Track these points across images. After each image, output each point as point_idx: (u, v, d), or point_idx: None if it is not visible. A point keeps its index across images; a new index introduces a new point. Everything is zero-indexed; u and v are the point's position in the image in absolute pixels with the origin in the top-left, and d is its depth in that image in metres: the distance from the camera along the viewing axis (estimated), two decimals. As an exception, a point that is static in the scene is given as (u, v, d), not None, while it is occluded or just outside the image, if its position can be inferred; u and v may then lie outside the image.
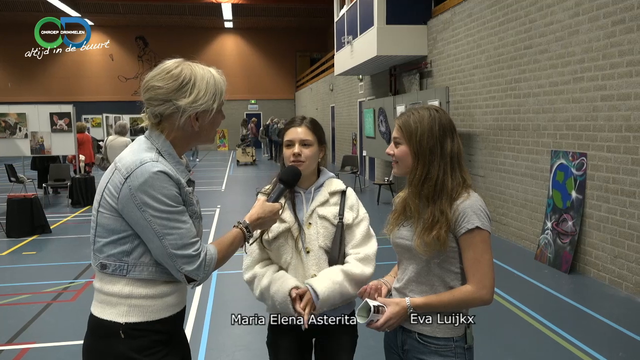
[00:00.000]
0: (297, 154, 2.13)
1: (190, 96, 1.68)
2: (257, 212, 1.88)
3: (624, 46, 5.07)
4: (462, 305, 1.82)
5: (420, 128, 1.83)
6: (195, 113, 1.70)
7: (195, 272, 1.66)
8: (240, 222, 1.85)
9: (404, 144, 1.87)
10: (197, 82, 1.69)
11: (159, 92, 1.68)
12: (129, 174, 1.62)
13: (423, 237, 1.78)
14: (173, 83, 1.67)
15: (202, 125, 1.74)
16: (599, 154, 5.47)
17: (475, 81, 8.07)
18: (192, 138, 1.77)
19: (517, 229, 7.14)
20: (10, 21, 26.87)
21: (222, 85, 1.76)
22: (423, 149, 1.83)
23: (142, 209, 1.60)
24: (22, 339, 4.29)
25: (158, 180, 1.61)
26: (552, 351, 3.98)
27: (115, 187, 1.64)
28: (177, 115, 1.69)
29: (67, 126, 11.01)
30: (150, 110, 1.71)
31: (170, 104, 1.68)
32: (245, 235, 1.83)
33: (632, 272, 5.06)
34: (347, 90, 16.73)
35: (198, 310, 4.83)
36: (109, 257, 1.67)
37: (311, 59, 29.23)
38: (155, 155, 1.67)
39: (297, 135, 2.16)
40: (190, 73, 1.69)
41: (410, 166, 1.86)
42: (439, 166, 1.82)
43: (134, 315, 1.66)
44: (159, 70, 1.71)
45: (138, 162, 1.63)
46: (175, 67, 1.70)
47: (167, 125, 1.73)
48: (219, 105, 1.75)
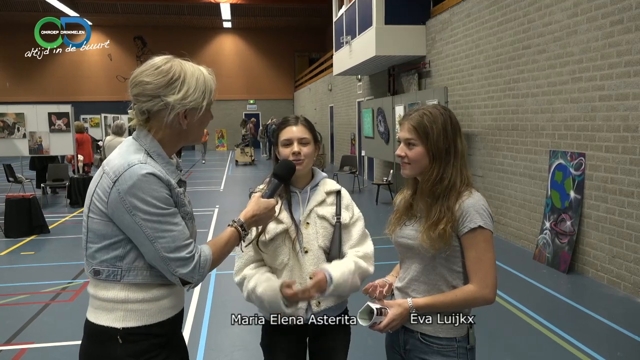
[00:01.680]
0: (297, 153, 2.11)
1: (179, 93, 1.63)
2: (252, 209, 1.83)
3: (622, 46, 5.08)
4: (465, 305, 1.82)
5: (436, 128, 1.81)
6: (184, 110, 1.65)
7: (190, 275, 1.62)
8: (235, 220, 1.81)
9: (419, 145, 1.83)
10: (186, 79, 1.64)
11: (147, 87, 1.63)
12: (117, 177, 1.58)
13: (429, 232, 1.78)
14: (162, 79, 1.62)
15: (191, 124, 1.70)
16: (597, 154, 5.47)
17: (474, 81, 8.08)
18: (180, 137, 1.72)
19: (516, 229, 7.14)
20: (9, 21, 26.83)
21: (211, 84, 1.71)
22: (440, 149, 1.81)
23: (132, 213, 1.56)
24: (20, 339, 4.28)
25: (147, 182, 1.57)
26: (550, 351, 3.98)
27: (104, 192, 1.61)
28: (165, 112, 1.64)
29: (66, 126, 11.00)
30: (138, 107, 1.66)
31: (159, 100, 1.62)
32: (240, 233, 1.78)
33: (631, 272, 5.06)
34: (346, 90, 16.73)
35: (196, 310, 4.83)
36: (102, 263, 1.64)
37: (310, 59, 29.22)
38: (144, 156, 1.63)
39: (294, 134, 2.14)
40: (180, 69, 1.65)
41: (425, 167, 1.84)
42: (453, 166, 1.82)
43: (131, 319, 1.63)
44: (148, 66, 1.66)
45: (126, 164, 1.59)
46: (164, 63, 1.65)
47: (155, 124, 1.68)
48: (208, 104, 1.70)
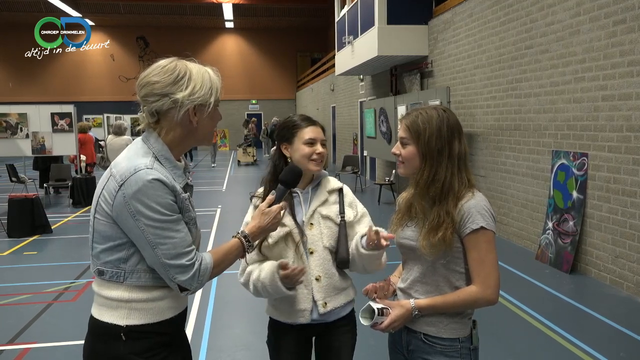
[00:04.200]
0: (320, 153, 2.10)
1: (187, 89, 1.65)
2: (258, 222, 1.82)
3: (625, 46, 5.07)
4: (467, 306, 1.81)
5: (428, 129, 1.81)
6: (194, 107, 1.67)
7: (189, 282, 1.63)
8: (239, 232, 1.82)
9: (411, 144, 1.84)
10: (192, 76, 1.67)
11: (155, 87, 1.65)
12: (123, 181, 1.59)
13: (429, 238, 1.77)
14: (169, 76, 1.65)
15: (201, 121, 1.71)
16: (600, 154, 5.46)
17: (476, 81, 8.07)
18: (190, 136, 1.73)
19: (518, 229, 7.13)
20: (12, 21, 26.89)
21: (217, 82, 1.73)
22: (431, 150, 1.80)
23: (135, 218, 1.58)
24: (23, 339, 4.29)
25: (152, 188, 1.58)
26: (552, 351, 3.97)
27: (110, 194, 1.62)
28: (175, 110, 1.65)
29: (68, 126, 11.02)
30: (147, 109, 1.68)
31: (167, 98, 1.64)
32: (244, 245, 1.78)
33: (633, 272, 5.05)
34: (348, 90, 16.73)
35: (199, 310, 4.83)
36: (106, 264, 1.65)
37: (312, 59, 29.24)
38: (151, 161, 1.63)
39: (319, 135, 2.13)
40: (185, 68, 1.68)
41: (417, 167, 1.84)
42: (447, 168, 1.80)
43: (134, 317, 1.64)
44: (153, 67, 1.69)
45: (132, 169, 1.60)
46: (169, 63, 1.68)
47: (165, 124, 1.69)
48: (215, 101, 1.72)
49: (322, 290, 2.10)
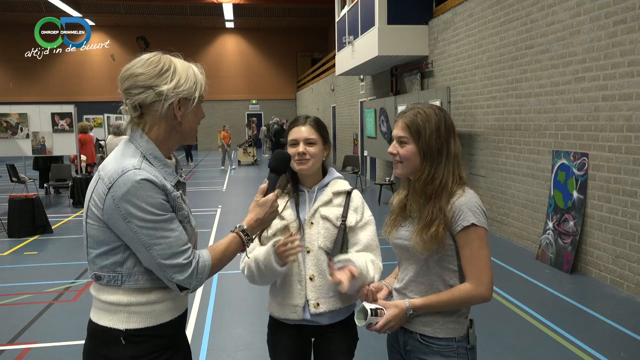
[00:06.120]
0: (301, 153, 2.10)
1: (172, 82, 1.61)
2: (256, 214, 1.82)
3: (626, 46, 5.07)
4: (462, 303, 1.81)
5: (429, 128, 1.80)
6: (178, 100, 1.63)
7: (187, 281, 1.61)
8: (237, 226, 1.79)
9: (411, 143, 1.82)
10: (177, 69, 1.64)
11: (139, 79, 1.60)
12: (112, 183, 1.55)
13: (421, 234, 1.77)
14: (154, 69, 1.61)
15: (185, 115, 1.67)
16: (600, 154, 5.46)
17: (477, 81, 8.07)
18: (175, 131, 1.69)
19: (519, 229, 7.13)
20: (12, 21, 26.90)
21: (202, 78, 1.70)
22: (432, 149, 1.80)
23: (127, 220, 1.54)
24: (23, 339, 4.29)
25: (142, 188, 1.54)
26: (553, 351, 3.97)
27: (100, 198, 1.58)
28: (159, 104, 1.61)
29: (69, 126, 11.03)
30: (130, 102, 1.62)
31: (151, 91, 1.60)
32: (242, 238, 1.77)
33: (634, 272, 5.05)
34: (348, 90, 16.73)
35: (199, 310, 4.83)
36: (102, 269, 1.63)
37: (312, 59, 29.25)
38: (139, 161, 1.60)
39: (301, 135, 2.13)
40: (169, 61, 1.65)
41: (416, 166, 1.83)
42: (445, 166, 1.80)
43: (134, 321, 1.63)
44: (137, 60, 1.65)
45: (120, 170, 1.56)
46: (153, 56, 1.66)
47: (149, 118, 1.65)
48: (200, 96, 1.69)
49: (315, 290, 2.09)
